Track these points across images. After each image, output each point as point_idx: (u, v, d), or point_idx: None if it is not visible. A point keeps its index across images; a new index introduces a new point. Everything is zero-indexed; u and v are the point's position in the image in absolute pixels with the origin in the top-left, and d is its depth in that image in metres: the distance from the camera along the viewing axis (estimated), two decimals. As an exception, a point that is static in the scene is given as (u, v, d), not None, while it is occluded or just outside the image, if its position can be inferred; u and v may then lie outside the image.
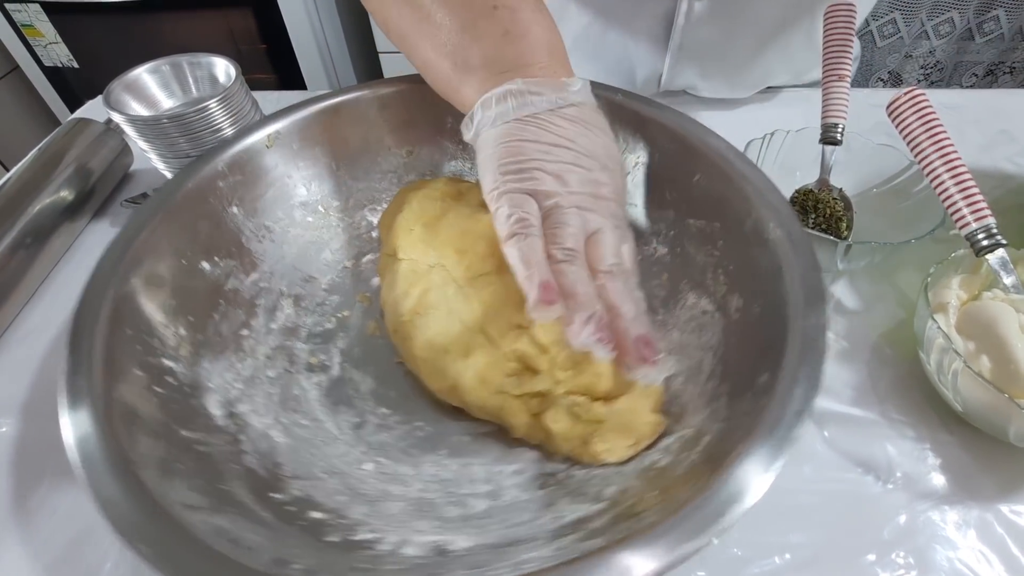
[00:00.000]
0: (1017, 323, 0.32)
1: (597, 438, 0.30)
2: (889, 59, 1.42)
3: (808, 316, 0.27)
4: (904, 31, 1.37)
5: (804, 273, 0.29)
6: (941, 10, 1.33)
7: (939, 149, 0.37)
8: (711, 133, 0.39)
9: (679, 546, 0.22)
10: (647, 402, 0.31)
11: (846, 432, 0.35)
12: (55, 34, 1.30)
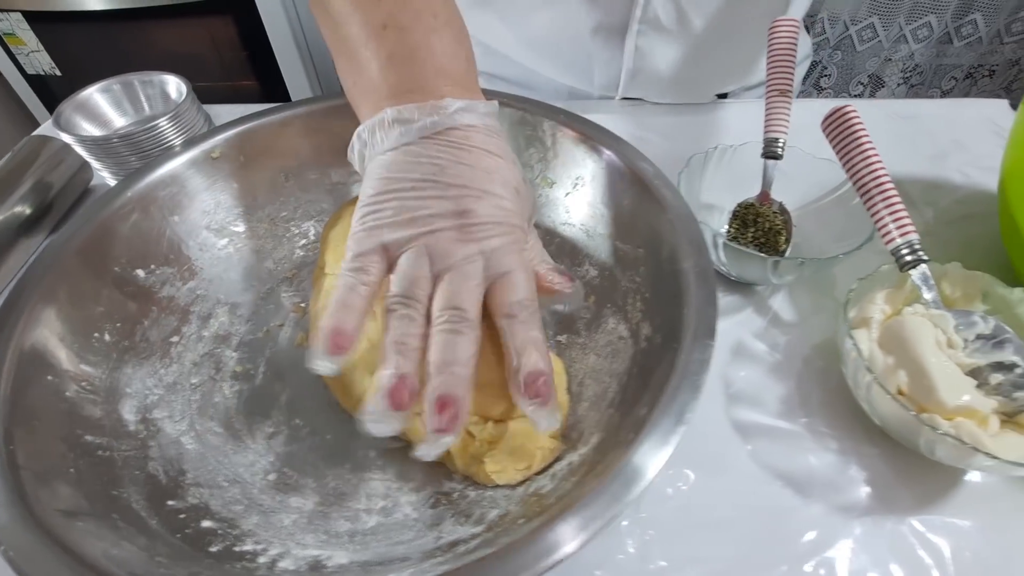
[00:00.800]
0: (934, 339, 0.33)
1: (489, 459, 0.31)
2: (869, 63, 1.43)
3: (693, 351, 0.28)
4: (883, 35, 1.38)
5: (701, 307, 0.30)
6: (919, 14, 1.34)
7: (867, 164, 0.38)
8: (641, 157, 0.40)
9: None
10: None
11: (771, 445, 0.35)
12: (37, 42, 1.31)
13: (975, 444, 0.29)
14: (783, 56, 0.46)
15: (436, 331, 0.27)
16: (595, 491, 0.24)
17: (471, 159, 0.29)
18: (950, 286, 0.37)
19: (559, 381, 0.35)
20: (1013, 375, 0.32)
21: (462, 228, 0.28)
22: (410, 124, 0.29)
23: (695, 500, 0.33)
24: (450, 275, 0.28)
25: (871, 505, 0.33)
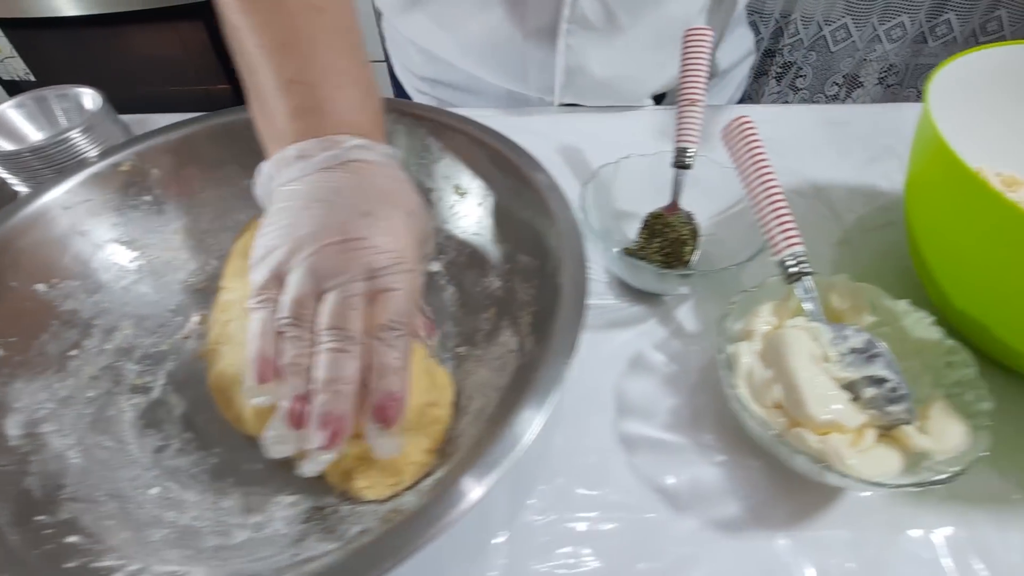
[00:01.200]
0: (808, 352, 0.33)
1: (359, 474, 0.31)
2: (843, 63, 1.42)
3: (551, 367, 0.28)
4: (856, 36, 1.37)
5: (566, 324, 0.31)
6: (892, 14, 1.33)
7: (759, 175, 0.38)
8: (538, 168, 0.40)
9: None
10: (424, 441, 0.32)
11: (655, 457, 0.35)
12: (11, 48, 1.32)
13: (831, 460, 0.29)
14: (695, 64, 0.46)
15: (320, 350, 0.27)
16: (413, 515, 0.24)
17: (366, 183, 0.30)
18: (838, 298, 0.37)
19: (444, 396, 0.35)
20: (884, 389, 0.32)
21: (346, 244, 0.28)
22: (310, 158, 0.30)
23: (567, 513, 0.33)
24: (334, 293, 0.28)
25: (745, 520, 0.33)
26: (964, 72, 0.42)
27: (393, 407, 0.27)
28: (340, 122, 0.31)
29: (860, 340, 0.33)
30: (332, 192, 0.29)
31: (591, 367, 0.40)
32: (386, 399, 0.27)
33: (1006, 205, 0.30)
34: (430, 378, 0.34)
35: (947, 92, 0.42)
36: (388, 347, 0.28)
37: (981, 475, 0.34)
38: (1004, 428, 0.36)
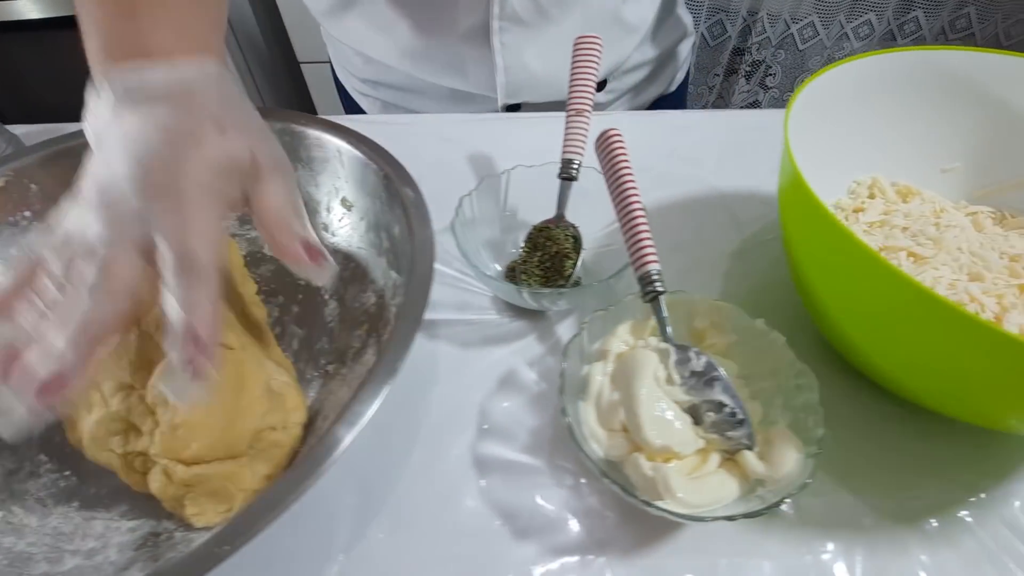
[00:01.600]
0: (653, 374, 0.32)
1: (189, 501, 0.30)
2: (812, 62, 1.40)
3: (362, 393, 0.28)
4: (823, 34, 1.35)
5: (394, 345, 0.30)
6: (859, 12, 1.31)
7: (621, 190, 0.37)
8: (407, 181, 0.40)
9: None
10: (261, 466, 0.31)
11: (505, 480, 0.35)
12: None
13: (658, 488, 0.29)
14: (582, 74, 0.45)
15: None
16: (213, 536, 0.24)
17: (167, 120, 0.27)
18: (700, 317, 0.36)
19: (292, 419, 0.35)
20: (724, 414, 0.31)
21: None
22: (136, 86, 0.27)
23: (410, 537, 0.33)
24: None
25: (586, 546, 0.32)
26: (855, 77, 0.41)
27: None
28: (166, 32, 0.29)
29: (701, 363, 0.32)
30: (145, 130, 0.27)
31: (460, 385, 0.39)
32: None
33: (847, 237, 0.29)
34: (271, 401, 0.34)
35: (838, 99, 0.41)
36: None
37: (835, 498, 0.34)
38: (863, 447, 0.36)
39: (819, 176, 0.44)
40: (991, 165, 0.43)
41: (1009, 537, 0.32)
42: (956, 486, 0.34)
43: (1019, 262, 0.37)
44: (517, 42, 0.58)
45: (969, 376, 0.30)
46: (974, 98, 0.42)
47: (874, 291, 0.30)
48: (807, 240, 0.35)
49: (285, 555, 0.33)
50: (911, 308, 0.29)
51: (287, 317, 0.43)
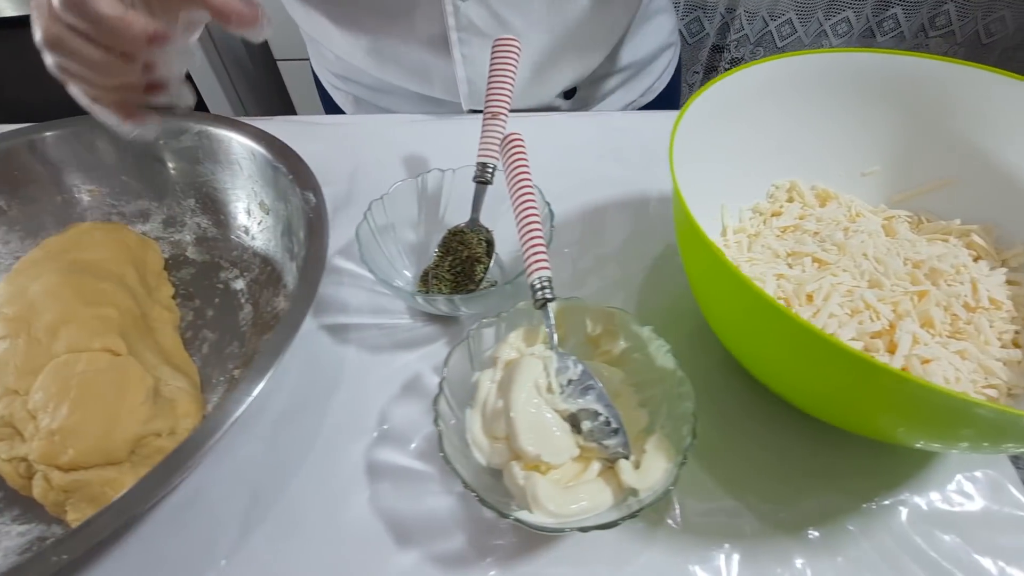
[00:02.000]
0: (534, 382, 0.32)
1: (70, 507, 0.30)
2: (791, 59, 1.39)
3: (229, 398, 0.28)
4: (801, 31, 1.34)
5: (264, 352, 0.31)
6: (837, 9, 1.30)
7: (520, 195, 0.37)
8: (311, 187, 0.40)
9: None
10: (144, 472, 0.31)
11: (396, 486, 0.35)
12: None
13: (526, 497, 0.29)
14: (500, 77, 0.45)
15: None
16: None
17: None
18: (592, 323, 0.36)
19: (181, 425, 0.35)
20: (599, 423, 0.31)
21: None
22: None
23: (292, 543, 0.33)
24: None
25: (467, 555, 0.32)
26: (764, 79, 0.40)
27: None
28: None
29: (577, 371, 0.32)
30: None
31: (363, 390, 0.39)
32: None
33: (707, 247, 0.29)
34: (158, 407, 0.34)
35: (753, 100, 0.41)
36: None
37: (723, 506, 0.34)
38: (757, 455, 0.35)
39: (740, 179, 0.44)
40: (909, 169, 0.43)
41: (893, 548, 0.32)
42: (845, 495, 0.34)
43: (921, 269, 0.37)
44: (477, 55, 0.57)
45: (826, 387, 0.29)
46: (889, 101, 0.41)
47: (734, 302, 0.30)
48: (685, 249, 0.35)
49: (169, 559, 0.33)
50: (761, 317, 0.28)
51: (201, 321, 0.44)
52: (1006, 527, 0.33)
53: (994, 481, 0.35)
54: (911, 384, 0.24)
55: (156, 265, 0.45)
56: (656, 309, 0.44)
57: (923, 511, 0.33)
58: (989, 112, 0.39)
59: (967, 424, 0.26)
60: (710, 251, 0.29)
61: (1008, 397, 0.34)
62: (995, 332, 0.35)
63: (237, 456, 0.37)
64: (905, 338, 0.33)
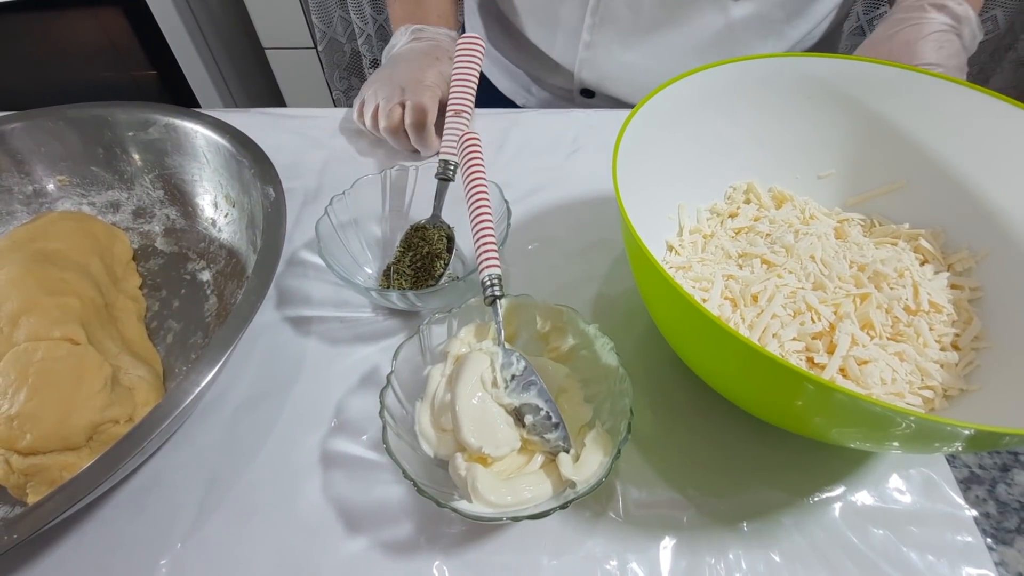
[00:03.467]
0: (480, 376, 0.33)
1: (31, 490, 0.31)
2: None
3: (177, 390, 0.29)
4: (791, 28, 1.34)
5: (213, 345, 0.31)
6: (874, 4, 1.30)
7: (472, 195, 0.37)
8: (272, 181, 0.41)
9: None
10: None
11: (349, 475, 0.36)
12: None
13: (466, 488, 0.30)
14: (462, 75, 0.45)
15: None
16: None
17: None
18: (541, 320, 0.37)
19: (140, 413, 0.36)
20: (540, 416, 0.32)
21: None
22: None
23: (240, 533, 0.34)
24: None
25: (415, 542, 0.33)
26: (714, 84, 0.41)
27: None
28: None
29: (520, 367, 0.33)
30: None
31: (322, 382, 0.40)
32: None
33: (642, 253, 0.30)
34: (116, 395, 0.35)
35: (711, 105, 0.41)
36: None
37: (665, 498, 0.35)
38: (701, 449, 0.37)
39: (698, 180, 0.45)
40: (862, 172, 0.44)
41: (825, 541, 0.33)
42: (783, 490, 0.35)
43: (865, 272, 0.38)
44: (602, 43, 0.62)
45: (761, 393, 0.30)
46: (841, 105, 0.42)
47: (672, 310, 0.31)
48: (631, 255, 0.36)
49: (126, 542, 0.34)
50: (696, 326, 0.29)
51: (166, 311, 0.44)
52: (936, 523, 0.34)
53: (928, 479, 0.36)
54: (835, 392, 0.25)
55: (124, 255, 0.46)
56: (614, 306, 0.44)
57: (857, 507, 0.35)
58: (939, 118, 0.40)
59: (889, 428, 0.27)
60: (648, 260, 0.29)
61: (943, 398, 0.35)
62: (935, 335, 0.36)
63: (196, 443, 0.38)
64: (844, 340, 0.34)
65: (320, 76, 1.45)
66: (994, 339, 0.36)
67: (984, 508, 0.35)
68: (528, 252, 0.49)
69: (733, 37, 0.59)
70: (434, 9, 0.59)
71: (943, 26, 0.50)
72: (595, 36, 0.61)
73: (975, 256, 0.39)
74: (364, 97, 0.55)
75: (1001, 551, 0.33)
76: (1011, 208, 0.38)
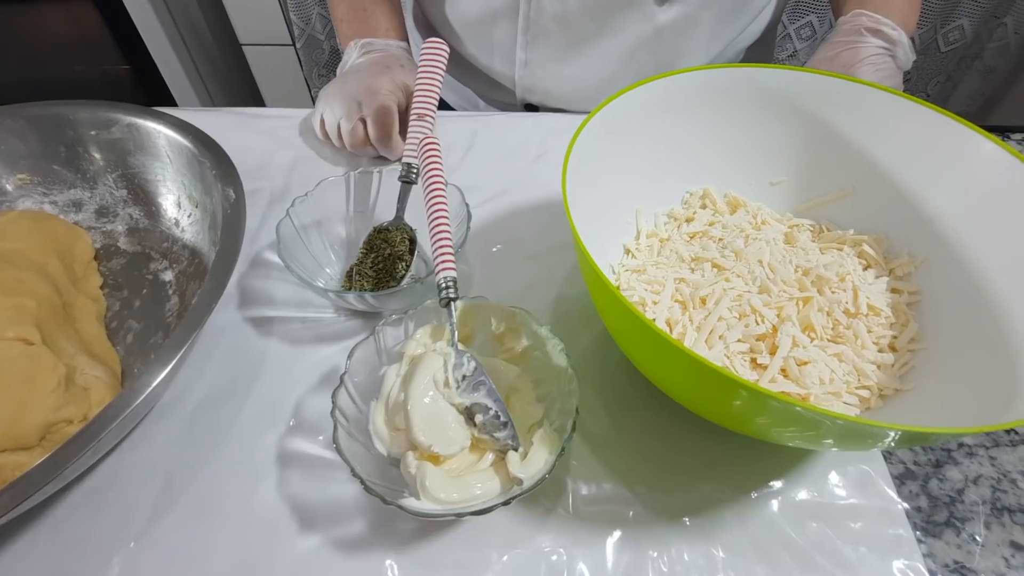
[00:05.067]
0: (432, 376, 0.34)
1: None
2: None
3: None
4: (765, 33, 1.36)
5: (169, 345, 0.32)
6: (800, 13, 1.33)
7: (430, 198, 0.38)
8: (232, 182, 0.41)
9: None
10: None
11: (305, 474, 0.36)
12: None
13: (414, 485, 0.30)
14: (426, 78, 0.46)
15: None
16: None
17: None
18: (496, 322, 0.38)
19: (93, 413, 0.36)
20: (489, 416, 0.33)
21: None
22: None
23: (194, 531, 0.34)
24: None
25: (366, 539, 0.34)
26: (682, 90, 0.42)
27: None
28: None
29: (470, 367, 0.34)
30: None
31: (282, 382, 0.41)
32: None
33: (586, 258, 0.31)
34: (70, 395, 0.35)
35: (666, 113, 0.42)
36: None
37: (614, 495, 0.36)
38: (651, 447, 0.38)
39: (657, 185, 0.46)
40: (812, 180, 0.45)
41: (765, 536, 0.35)
42: (727, 486, 0.36)
43: (809, 276, 0.39)
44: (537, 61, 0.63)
45: (702, 396, 0.32)
46: (791, 114, 0.43)
47: (615, 316, 0.32)
48: (579, 258, 0.37)
49: (80, 541, 0.34)
50: (636, 332, 0.30)
51: (127, 311, 0.44)
52: (871, 517, 0.35)
53: (865, 475, 0.37)
54: (766, 396, 0.26)
55: (85, 255, 0.46)
56: (573, 308, 0.45)
57: (796, 502, 0.36)
58: (883, 129, 0.41)
59: (818, 429, 0.28)
60: (593, 269, 0.30)
61: (879, 398, 0.36)
62: (873, 337, 0.38)
63: (154, 442, 0.38)
64: (785, 341, 0.36)
65: (299, 73, 1.44)
66: (929, 341, 0.38)
67: (916, 502, 0.36)
68: (492, 254, 0.49)
69: (663, 40, 0.60)
70: (381, 23, 0.60)
71: (878, 49, 0.52)
72: (530, 54, 0.62)
73: (914, 261, 0.41)
74: (321, 114, 0.54)
75: (930, 543, 0.35)
76: (948, 215, 0.40)
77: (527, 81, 0.65)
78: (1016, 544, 0.35)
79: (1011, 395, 0.30)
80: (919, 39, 1.36)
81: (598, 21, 0.59)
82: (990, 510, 0.36)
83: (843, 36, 0.55)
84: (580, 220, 0.37)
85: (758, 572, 0.33)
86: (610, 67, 0.62)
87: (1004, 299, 0.35)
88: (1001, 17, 1.32)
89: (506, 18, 0.60)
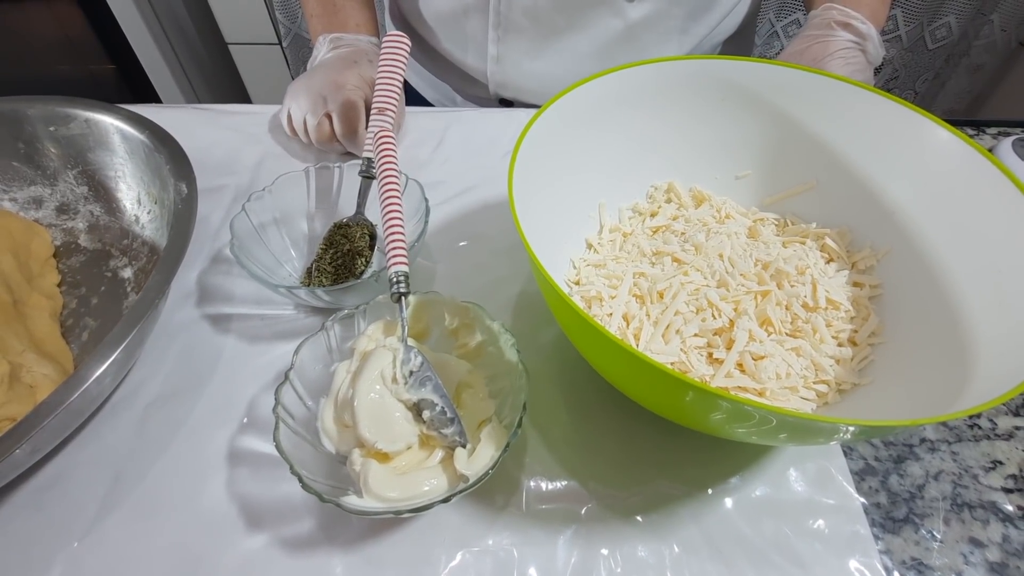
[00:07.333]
0: (380, 372, 0.33)
1: None
2: (743, 59, 1.41)
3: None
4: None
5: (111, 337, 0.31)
6: (788, 11, 1.32)
7: (384, 193, 0.38)
8: (186, 177, 0.40)
9: None
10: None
11: (254, 473, 0.36)
12: None
13: (357, 482, 0.30)
14: (388, 73, 0.45)
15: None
16: None
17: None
18: (449, 317, 0.37)
19: None
20: (436, 412, 0.32)
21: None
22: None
23: (139, 531, 0.33)
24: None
25: (314, 539, 0.33)
26: (645, 82, 0.42)
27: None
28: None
29: (417, 363, 0.33)
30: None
31: (237, 380, 0.40)
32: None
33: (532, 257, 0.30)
34: (13, 393, 0.34)
35: (629, 105, 0.42)
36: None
37: (568, 492, 0.35)
38: (606, 444, 0.37)
39: (620, 179, 0.45)
40: (777, 173, 0.45)
41: (720, 533, 0.34)
42: (683, 483, 0.36)
43: (768, 270, 0.39)
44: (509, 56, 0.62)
45: (655, 395, 0.31)
46: (756, 107, 0.43)
47: (558, 309, 0.32)
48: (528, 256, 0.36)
49: (22, 541, 0.33)
50: (579, 327, 0.30)
51: (84, 309, 0.44)
52: (827, 514, 0.35)
53: (824, 471, 0.37)
54: (712, 394, 0.26)
55: (42, 252, 0.45)
56: (535, 304, 0.45)
57: (752, 499, 0.35)
58: (847, 122, 0.41)
59: (766, 425, 0.27)
60: (539, 269, 0.30)
61: (837, 392, 0.36)
62: (832, 331, 0.38)
63: (104, 440, 0.37)
64: (741, 336, 0.35)
65: (286, 72, 1.43)
66: (889, 335, 0.37)
67: (876, 498, 0.36)
68: (457, 249, 0.49)
69: (634, 37, 0.60)
70: (351, 18, 0.59)
71: (848, 43, 0.52)
72: (501, 49, 0.62)
73: (877, 254, 0.40)
74: (288, 109, 0.54)
75: (887, 540, 0.34)
76: (909, 208, 0.39)
77: (499, 76, 0.64)
78: (975, 540, 0.34)
79: (963, 386, 0.30)
80: (906, 36, 1.36)
81: (568, 16, 0.58)
82: (950, 506, 0.36)
83: (813, 30, 0.55)
84: (538, 213, 0.36)
85: (710, 570, 0.33)
86: (582, 63, 0.62)
87: (961, 290, 0.34)
88: (988, 14, 1.32)
89: (477, 12, 0.60)
